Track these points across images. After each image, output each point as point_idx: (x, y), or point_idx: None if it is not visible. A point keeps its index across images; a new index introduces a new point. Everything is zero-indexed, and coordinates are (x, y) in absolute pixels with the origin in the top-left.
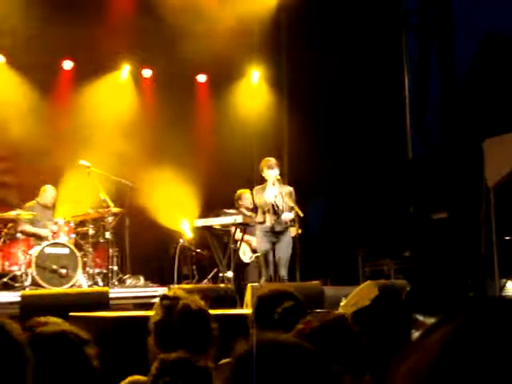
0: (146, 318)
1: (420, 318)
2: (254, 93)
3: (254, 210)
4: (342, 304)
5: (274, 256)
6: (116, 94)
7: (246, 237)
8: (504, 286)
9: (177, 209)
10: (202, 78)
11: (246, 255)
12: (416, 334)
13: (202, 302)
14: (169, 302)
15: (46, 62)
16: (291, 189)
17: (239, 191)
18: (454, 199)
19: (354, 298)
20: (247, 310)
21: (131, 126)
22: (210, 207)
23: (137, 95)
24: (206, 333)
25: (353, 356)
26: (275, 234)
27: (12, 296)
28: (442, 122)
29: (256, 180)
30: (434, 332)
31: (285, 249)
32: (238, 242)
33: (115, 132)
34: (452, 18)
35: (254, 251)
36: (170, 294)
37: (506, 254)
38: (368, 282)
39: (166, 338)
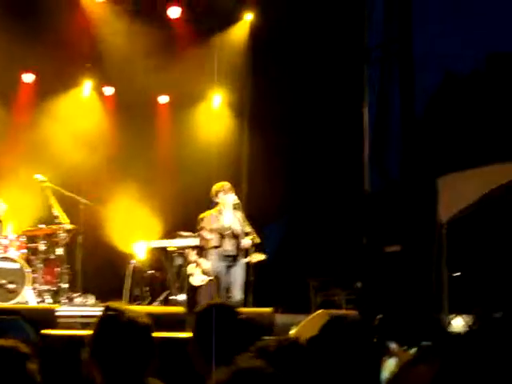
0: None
1: (392, 345)
2: (214, 116)
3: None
4: (291, 333)
5: (228, 280)
6: (77, 110)
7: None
8: (450, 322)
9: (132, 229)
10: (163, 99)
11: (194, 278)
12: (389, 361)
13: (146, 318)
14: (113, 314)
15: (6, 74)
16: (241, 214)
17: (202, 215)
18: (408, 233)
19: (304, 327)
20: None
21: (91, 143)
22: (166, 229)
23: (98, 112)
24: (150, 347)
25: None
26: (231, 258)
27: None
28: (401, 156)
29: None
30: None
31: (241, 272)
32: (191, 265)
33: (74, 148)
34: (413, 53)
35: (204, 274)
36: (115, 305)
37: (456, 290)
38: (320, 311)
39: (105, 351)
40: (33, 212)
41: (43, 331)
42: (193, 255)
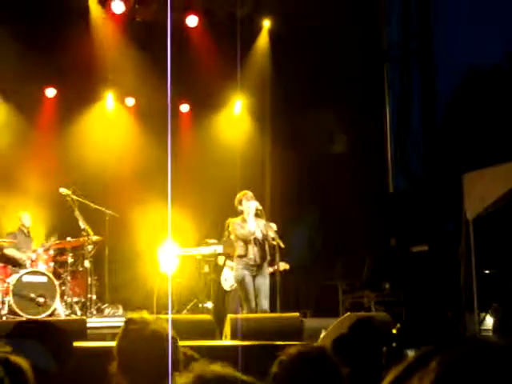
0: None
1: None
2: (236, 123)
3: None
4: (321, 336)
5: (254, 288)
6: (100, 122)
7: (229, 263)
8: (483, 319)
9: (158, 239)
10: (185, 108)
11: (227, 282)
12: None
13: (168, 327)
14: (136, 327)
15: (30, 89)
16: (265, 221)
17: (228, 220)
18: (434, 232)
19: (333, 330)
20: (226, 342)
21: (115, 154)
22: (192, 237)
23: (120, 124)
24: (173, 358)
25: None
26: (256, 267)
27: None
28: (423, 155)
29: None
30: (426, 362)
31: (265, 280)
32: (225, 269)
33: (97, 160)
34: (433, 51)
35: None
36: (137, 318)
37: (486, 288)
38: (348, 313)
39: (131, 363)
40: (59, 225)
41: (75, 343)
42: (222, 260)
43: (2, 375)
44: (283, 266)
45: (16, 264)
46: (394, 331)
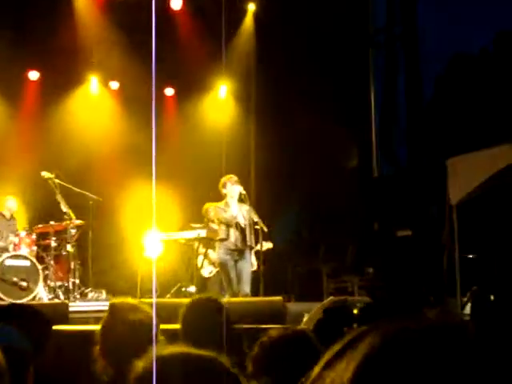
0: None
1: None
2: (221, 106)
3: None
4: (304, 320)
5: (236, 272)
6: (83, 106)
7: (202, 250)
8: (465, 304)
9: (142, 223)
10: (169, 92)
11: (204, 269)
12: None
13: (153, 312)
14: (119, 311)
15: (12, 72)
16: (249, 206)
17: (206, 205)
18: (418, 217)
19: (315, 315)
20: None
21: (98, 138)
22: (176, 221)
23: (104, 107)
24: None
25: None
26: (237, 252)
27: None
28: (408, 140)
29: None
30: (357, 342)
31: (247, 264)
32: (200, 256)
33: (81, 144)
34: (418, 36)
35: (212, 264)
36: (120, 302)
37: (468, 273)
38: (331, 297)
39: (114, 348)
40: (42, 209)
41: (54, 327)
42: (201, 247)
43: None
44: (266, 245)
45: None
46: (355, 311)
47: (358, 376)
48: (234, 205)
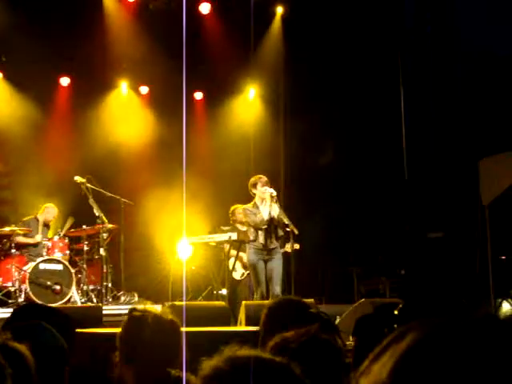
0: None
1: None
2: (250, 109)
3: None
4: (336, 322)
5: (266, 273)
6: (115, 111)
7: (234, 252)
8: (499, 305)
9: (173, 226)
10: (198, 96)
11: (237, 272)
12: None
13: (171, 315)
14: (138, 316)
15: (44, 78)
16: (279, 207)
17: (233, 206)
18: (450, 218)
19: (347, 317)
20: (242, 328)
21: (128, 143)
22: (207, 224)
23: (136, 112)
24: (176, 345)
25: (334, 372)
26: (268, 252)
27: (5, 312)
28: (439, 140)
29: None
30: (401, 337)
31: (277, 266)
32: (231, 259)
33: (112, 149)
34: (449, 36)
35: (245, 267)
36: (140, 308)
37: (502, 274)
38: (363, 300)
39: (134, 353)
40: (75, 214)
41: (89, 330)
42: (232, 249)
43: (2, 362)
44: (294, 246)
45: (31, 248)
46: (396, 312)
47: (400, 365)
48: (263, 207)
